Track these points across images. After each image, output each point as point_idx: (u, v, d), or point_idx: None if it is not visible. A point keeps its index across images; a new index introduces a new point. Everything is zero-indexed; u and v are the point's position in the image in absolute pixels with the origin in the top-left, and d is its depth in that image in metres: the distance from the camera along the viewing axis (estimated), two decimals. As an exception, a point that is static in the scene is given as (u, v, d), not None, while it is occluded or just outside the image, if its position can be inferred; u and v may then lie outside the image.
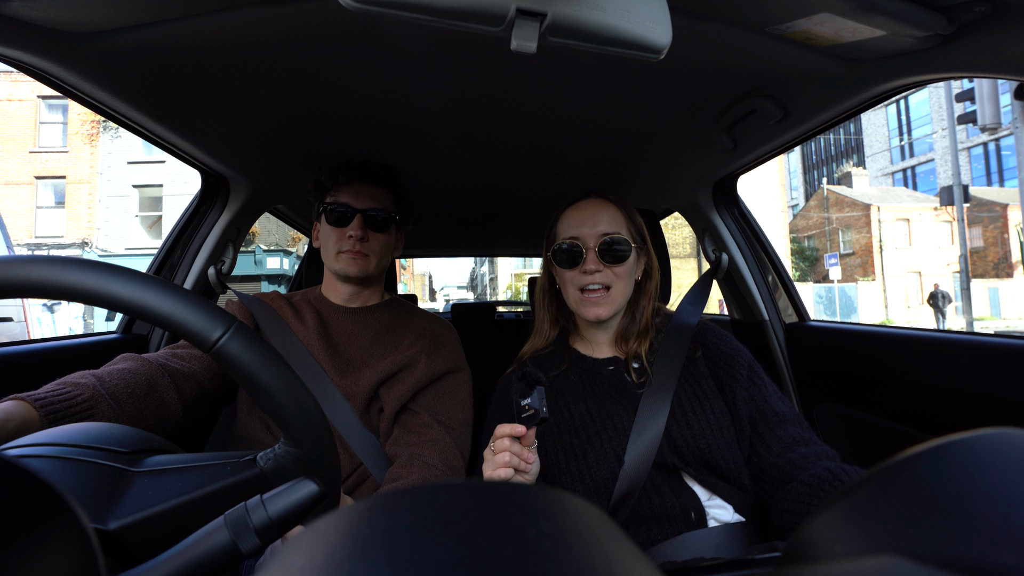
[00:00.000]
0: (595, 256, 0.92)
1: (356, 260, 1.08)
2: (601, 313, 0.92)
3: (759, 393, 0.90)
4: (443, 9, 0.46)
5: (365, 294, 1.16)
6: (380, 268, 1.13)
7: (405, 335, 1.11)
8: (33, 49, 0.75)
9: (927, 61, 0.78)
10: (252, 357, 0.42)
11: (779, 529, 0.79)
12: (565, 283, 0.96)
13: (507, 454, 0.72)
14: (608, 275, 0.93)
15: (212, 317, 0.42)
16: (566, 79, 1.01)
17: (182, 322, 0.41)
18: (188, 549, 0.36)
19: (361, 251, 1.07)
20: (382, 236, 1.11)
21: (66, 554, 0.25)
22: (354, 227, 1.06)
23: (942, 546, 0.18)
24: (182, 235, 1.42)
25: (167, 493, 0.42)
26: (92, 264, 0.41)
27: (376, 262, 1.11)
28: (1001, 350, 0.94)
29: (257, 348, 0.43)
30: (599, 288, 0.93)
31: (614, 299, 0.94)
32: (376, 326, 1.12)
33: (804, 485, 0.77)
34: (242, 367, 0.42)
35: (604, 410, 0.90)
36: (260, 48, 0.86)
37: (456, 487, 0.17)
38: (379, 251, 1.11)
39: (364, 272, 1.09)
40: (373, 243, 1.09)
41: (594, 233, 0.93)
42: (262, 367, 0.42)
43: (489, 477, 0.73)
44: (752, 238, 1.59)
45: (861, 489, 0.21)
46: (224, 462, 0.45)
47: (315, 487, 0.41)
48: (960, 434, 0.21)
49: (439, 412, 1.05)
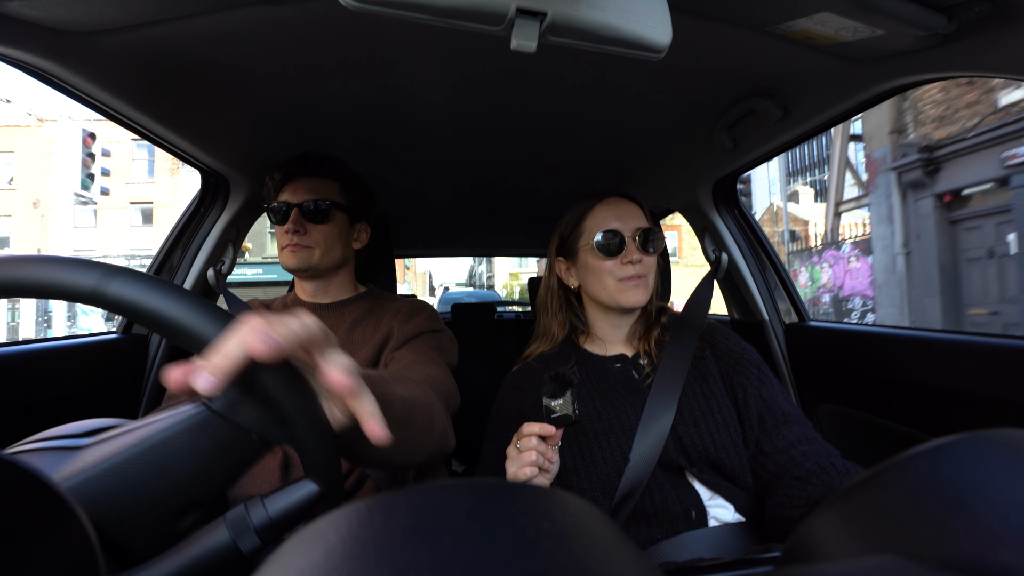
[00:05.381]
0: (636, 246, 0.94)
1: (296, 253, 1.06)
2: (642, 297, 0.94)
3: (767, 392, 0.90)
4: (443, 9, 0.46)
5: (332, 288, 1.15)
6: (331, 259, 1.10)
7: (382, 317, 1.10)
8: (33, 49, 0.75)
9: (928, 61, 0.78)
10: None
11: (771, 525, 0.80)
12: (602, 273, 0.96)
13: (533, 453, 0.72)
14: (646, 265, 0.95)
15: (212, 318, 0.41)
16: (566, 79, 1.01)
17: (180, 323, 0.40)
18: (188, 549, 0.36)
19: (299, 244, 1.06)
20: (323, 227, 1.08)
21: (66, 555, 0.25)
22: (289, 221, 1.06)
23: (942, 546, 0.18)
24: (182, 236, 1.42)
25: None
26: (85, 263, 0.41)
27: (321, 253, 1.08)
28: (1001, 350, 0.94)
29: None
30: (637, 277, 0.95)
31: (649, 286, 0.96)
32: (351, 317, 1.11)
33: (794, 479, 0.78)
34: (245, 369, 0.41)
35: (611, 408, 0.90)
36: (260, 48, 0.86)
37: (456, 487, 0.17)
38: (323, 242, 1.08)
39: (306, 264, 1.07)
40: (314, 234, 1.07)
41: (631, 226, 0.95)
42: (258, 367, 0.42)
43: (513, 475, 0.72)
44: (752, 238, 1.59)
45: (861, 489, 0.21)
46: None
47: (315, 487, 0.41)
48: (960, 434, 0.21)
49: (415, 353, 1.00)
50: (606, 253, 0.95)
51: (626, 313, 0.99)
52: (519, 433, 0.75)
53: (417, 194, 1.84)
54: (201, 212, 1.43)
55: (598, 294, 0.98)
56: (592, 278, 0.98)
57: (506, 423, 0.97)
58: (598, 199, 1.00)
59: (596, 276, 0.97)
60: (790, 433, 0.85)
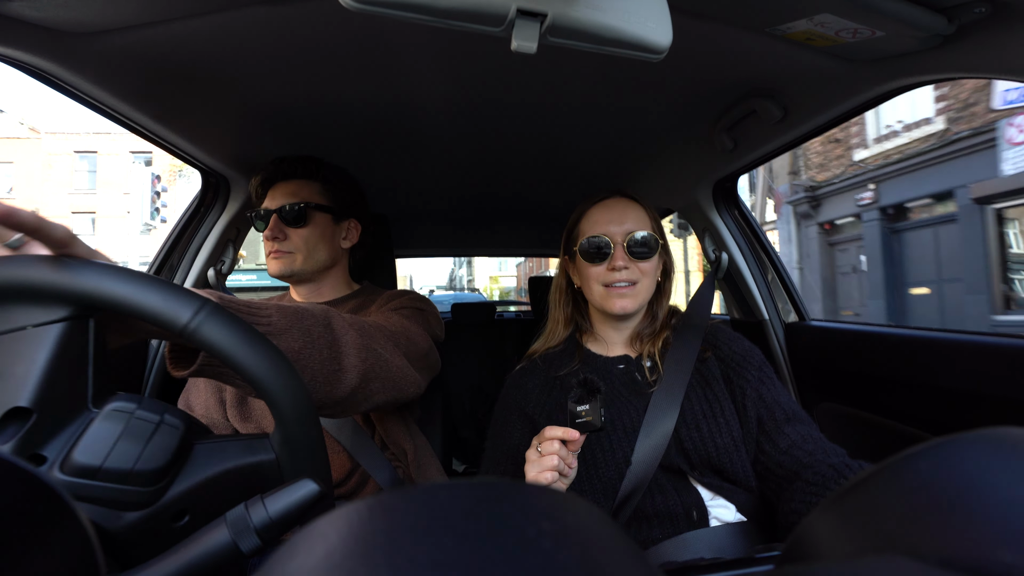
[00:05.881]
0: (623, 252, 0.92)
1: (278, 259, 1.06)
2: (628, 305, 0.92)
3: (769, 392, 0.90)
4: (443, 9, 0.46)
5: (325, 289, 1.14)
6: (315, 262, 1.08)
7: (370, 309, 1.09)
8: (33, 49, 0.75)
9: (927, 62, 0.78)
10: (227, 334, 0.41)
11: (785, 530, 0.78)
12: (589, 279, 0.96)
13: (555, 458, 0.71)
14: (635, 271, 0.93)
15: (181, 298, 0.40)
16: (566, 79, 1.01)
17: (147, 306, 0.39)
18: (188, 548, 0.36)
19: (279, 250, 1.05)
20: (302, 230, 1.06)
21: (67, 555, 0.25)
22: (268, 227, 1.05)
23: (942, 545, 0.18)
24: (182, 236, 1.42)
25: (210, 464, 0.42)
26: (49, 260, 0.40)
27: (303, 257, 1.06)
28: (1001, 350, 0.94)
29: (232, 325, 0.41)
30: (625, 284, 0.94)
31: (639, 293, 0.94)
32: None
33: (809, 484, 0.76)
34: (219, 348, 0.41)
35: (614, 409, 0.90)
36: (260, 48, 0.86)
37: (456, 487, 0.17)
38: (304, 246, 1.06)
39: (289, 269, 1.06)
40: (294, 239, 1.06)
41: (622, 230, 0.94)
42: (239, 345, 0.41)
43: (534, 479, 0.71)
44: (752, 238, 1.59)
45: (861, 488, 0.21)
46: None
47: (315, 487, 0.41)
48: (960, 433, 0.21)
49: (381, 314, 1.00)
50: (590, 260, 0.94)
51: (620, 319, 0.98)
52: (540, 436, 0.74)
53: (417, 194, 1.84)
54: (201, 212, 1.43)
55: (590, 298, 0.98)
56: (583, 281, 0.98)
57: (509, 422, 0.97)
58: (595, 201, 0.99)
59: (586, 281, 0.97)
60: (793, 432, 0.84)
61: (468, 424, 2.41)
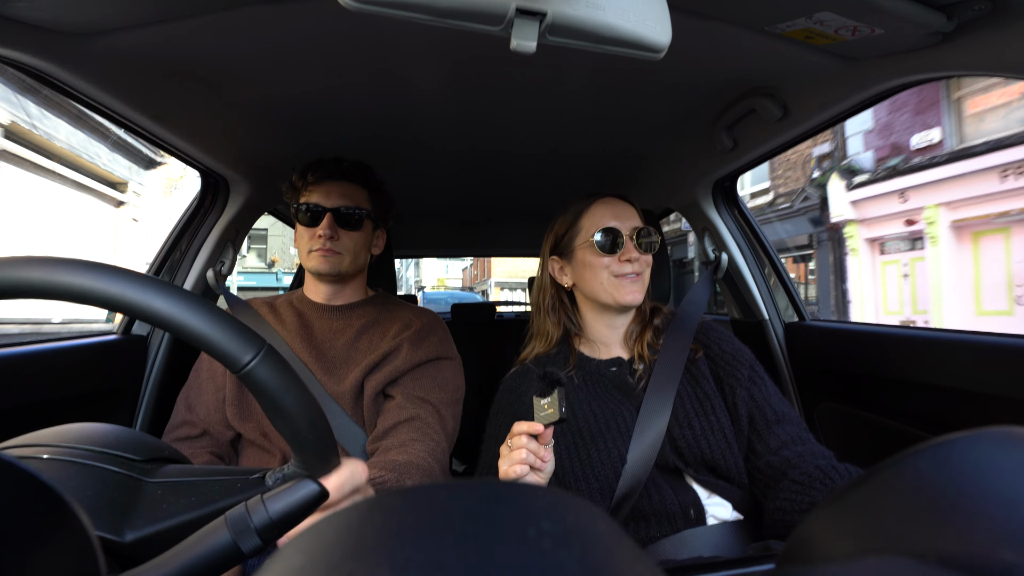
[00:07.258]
0: (634, 244, 0.95)
1: (327, 258, 1.07)
2: (638, 296, 0.95)
3: (759, 392, 0.90)
4: (442, 9, 0.46)
5: (347, 291, 1.15)
6: (356, 265, 1.12)
7: (391, 327, 1.10)
8: (33, 49, 0.75)
9: (927, 60, 0.78)
10: (278, 381, 0.42)
11: (771, 527, 0.80)
12: (600, 270, 0.97)
13: (524, 451, 0.72)
14: (641, 263, 0.96)
15: (244, 340, 0.41)
16: (565, 79, 1.01)
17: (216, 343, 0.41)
18: (189, 548, 0.36)
19: (332, 249, 1.06)
20: (354, 234, 1.09)
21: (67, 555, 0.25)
22: (324, 226, 1.05)
23: (942, 545, 0.18)
24: (182, 236, 1.42)
25: (180, 507, 0.42)
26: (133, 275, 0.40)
27: (350, 259, 1.09)
28: (1001, 350, 0.94)
29: (284, 373, 0.43)
30: (633, 275, 0.96)
31: (644, 284, 0.97)
32: (361, 322, 1.11)
33: (796, 484, 0.78)
34: (267, 391, 0.42)
35: (608, 411, 0.91)
36: (260, 48, 0.86)
37: (456, 487, 0.17)
38: (352, 248, 1.09)
39: (336, 269, 1.08)
40: (345, 240, 1.08)
41: (628, 225, 0.97)
42: (286, 392, 0.42)
43: (504, 474, 0.73)
44: (752, 238, 1.58)
45: (861, 488, 0.21)
46: (235, 478, 0.45)
47: (316, 487, 0.41)
48: (960, 433, 0.21)
49: (416, 390, 1.03)
50: (605, 250, 0.95)
51: (622, 312, 1.00)
52: (511, 432, 0.76)
53: (417, 194, 1.84)
54: (201, 213, 1.42)
55: (595, 291, 0.98)
56: (589, 275, 0.98)
57: (503, 425, 0.97)
58: (595, 198, 1.00)
59: (593, 273, 0.97)
60: (783, 433, 0.85)
61: (467, 424, 2.41)
